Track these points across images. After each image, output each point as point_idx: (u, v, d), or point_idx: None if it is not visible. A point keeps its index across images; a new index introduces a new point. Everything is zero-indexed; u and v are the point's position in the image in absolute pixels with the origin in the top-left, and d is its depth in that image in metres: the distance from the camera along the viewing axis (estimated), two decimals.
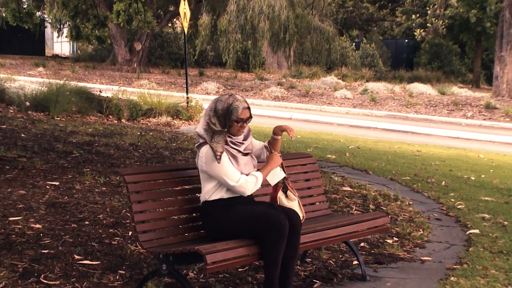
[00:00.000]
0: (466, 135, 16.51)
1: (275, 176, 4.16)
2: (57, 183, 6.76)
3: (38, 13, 32.00)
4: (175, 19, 31.99)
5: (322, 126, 17.06)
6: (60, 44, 45.12)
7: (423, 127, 17.44)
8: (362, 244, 5.65)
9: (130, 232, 5.28)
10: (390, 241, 5.80)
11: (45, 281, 4.15)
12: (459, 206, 7.35)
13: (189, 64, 26.79)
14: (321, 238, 4.25)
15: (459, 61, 35.19)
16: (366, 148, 12.29)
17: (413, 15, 35.38)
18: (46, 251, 4.67)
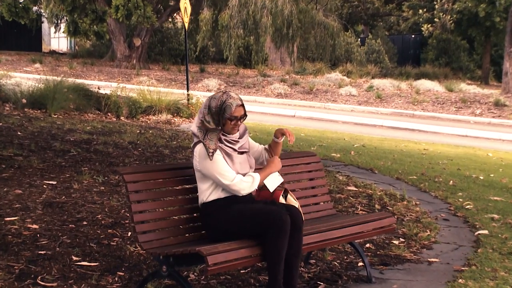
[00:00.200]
0: (475, 133, 16.49)
1: (274, 181, 4.15)
2: (54, 183, 6.77)
3: (35, 8, 32.00)
4: (175, 14, 32.02)
5: (326, 124, 17.05)
6: (57, 39, 45.17)
7: (430, 125, 17.43)
8: (368, 245, 5.65)
9: (129, 233, 5.29)
10: (396, 242, 5.79)
11: (42, 283, 4.16)
12: (467, 206, 7.35)
13: (189, 60, 26.79)
14: (325, 238, 4.25)
15: (467, 57, 35.15)
16: (371, 146, 12.29)
17: (420, 10, 35.34)
18: (43, 252, 4.67)
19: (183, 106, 14.70)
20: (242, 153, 4.10)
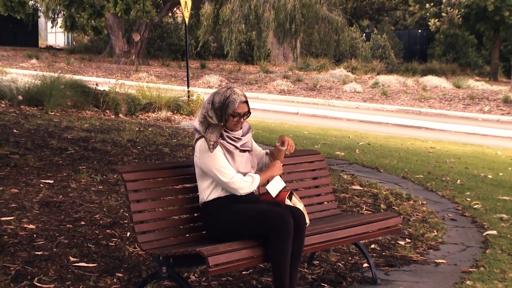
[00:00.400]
0: (483, 130, 16.47)
1: (276, 186, 4.15)
2: (51, 181, 6.78)
3: (31, 2, 32.06)
4: (175, 9, 32.01)
5: (330, 121, 17.04)
6: (54, 35, 45.17)
7: (437, 123, 17.41)
8: (373, 245, 5.65)
9: (128, 233, 5.30)
10: (402, 242, 5.80)
11: (39, 284, 4.16)
12: (476, 206, 7.34)
13: (190, 56, 26.74)
14: (329, 239, 4.26)
15: (475, 52, 35.09)
16: (377, 144, 12.29)
17: (427, 4, 35.27)
18: (40, 253, 4.68)
19: (183, 103, 14.71)
20: (244, 151, 4.10)
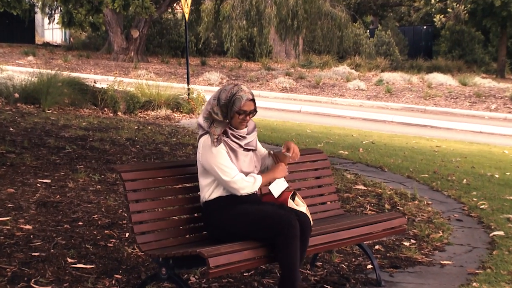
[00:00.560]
0: (490, 129, 16.47)
1: (279, 186, 4.15)
2: (48, 181, 6.78)
3: None
4: (175, 4, 31.97)
5: (333, 119, 17.04)
6: (51, 31, 45.18)
7: (443, 121, 17.41)
8: (377, 246, 5.65)
9: (127, 234, 5.30)
10: (407, 243, 5.79)
11: (35, 286, 4.17)
12: (482, 206, 7.34)
13: (190, 52, 26.73)
14: (332, 240, 4.25)
15: (482, 49, 35.05)
16: (381, 143, 12.28)
17: (432, 0, 35.26)
18: (36, 254, 4.68)
19: (183, 101, 14.71)
20: (248, 150, 4.09)
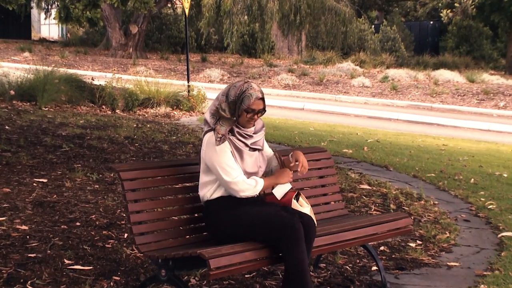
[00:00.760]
0: (498, 127, 16.45)
1: (282, 187, 4.13)
2: (45, 180, 6.79)
3: None
4: None
5: (337, 117, 17.03)
6: (47, 26, 45.20)
7: (450, 119, 17.40)
8: (382, 247, 5.65)
9: (126, 234, 5.30)
10: (413, 244, 5.79)
11: None
12: (490, 206, 7.33)
13: (190, 49, 26.69)
14: (336, 241, 4.25)
15: (490, 45, 35.01)
16: (386, 141, 12.28)
17: None
18: (33, 255, 4.69)
19: (183, 98, 14.71)
20: (254, 150, 4.08)
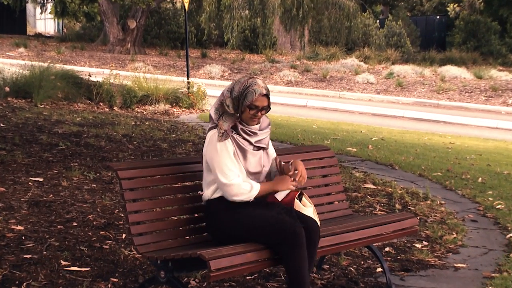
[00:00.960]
0: (507, 125, 16.43)
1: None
2: (41, 179, 6.79)
3: None
4: None
5: (341, 114, 17.03)
6: (43, 21, 45.22)
7: (457, 116, 17.39)
8: (387, 249, 5.65)
9: (124, 235, 5.31)
10: (419, 245, 5.79)
11: None
12: (498, 206, 7.33)
13: (190, 44, 26.75)
14: (340, 242, 4.25)
15: (498, 40, 34.95)
16: (391, 140, 12.28)
17: None
18: (28, 256, 4.69)
19: (182, 95, 14.72)
20: (258, 149, 4.07)
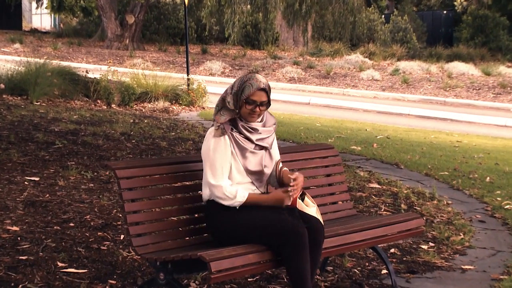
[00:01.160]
0: None
1: None
2: (37, 179, 6.79)
3: None
4: None
5: (345, 112, 17.03)
6: (39, 16, 45.24)
7: (464, 114, 17.38)
8: (392, 250, 5.65)
9: (122, 236, 5.31)
10: (425, 246, 5.79)
11: None
12: (507, 206, 7.33)
13: (190, 40, 26.74)
14: (344, 243, 4.25)
15: (507, 35, 34.91)
16: (397, 138, 12.27)
17: None
18: (24, 258, 4.70)
19: (182, 92, 14.71)
20: (260, 148, 4.06)
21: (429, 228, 6.29)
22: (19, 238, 5.07)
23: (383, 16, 34.79)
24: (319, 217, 4.05)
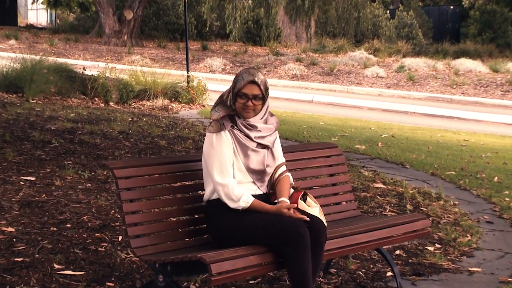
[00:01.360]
0: None
1: None
2: (33, 179, 6.80)
3: None
4: None
5: (349, 110, 17.02)
6: (35, 12, 45.28)
7: (472, 112, 17.37)
8: (398, 251, 5.65)
9: (120, 237, 5.31)
10: (431, 248, 5.79)
11: None
12: None
13: (190, 36, 26.76)
14: (348, 244, 4.25)
15: None
16: (402, 137, 12.27)
17: None
18: (20, 259, 4.70)
19: (182, 89, 14.71)
20: (262, 147, 4.06)
21: (435, 229, 6.29)
22: (14, 240, 5.07)
23: (388, 11, 34.80)
24: (322, 217, 4.04)
